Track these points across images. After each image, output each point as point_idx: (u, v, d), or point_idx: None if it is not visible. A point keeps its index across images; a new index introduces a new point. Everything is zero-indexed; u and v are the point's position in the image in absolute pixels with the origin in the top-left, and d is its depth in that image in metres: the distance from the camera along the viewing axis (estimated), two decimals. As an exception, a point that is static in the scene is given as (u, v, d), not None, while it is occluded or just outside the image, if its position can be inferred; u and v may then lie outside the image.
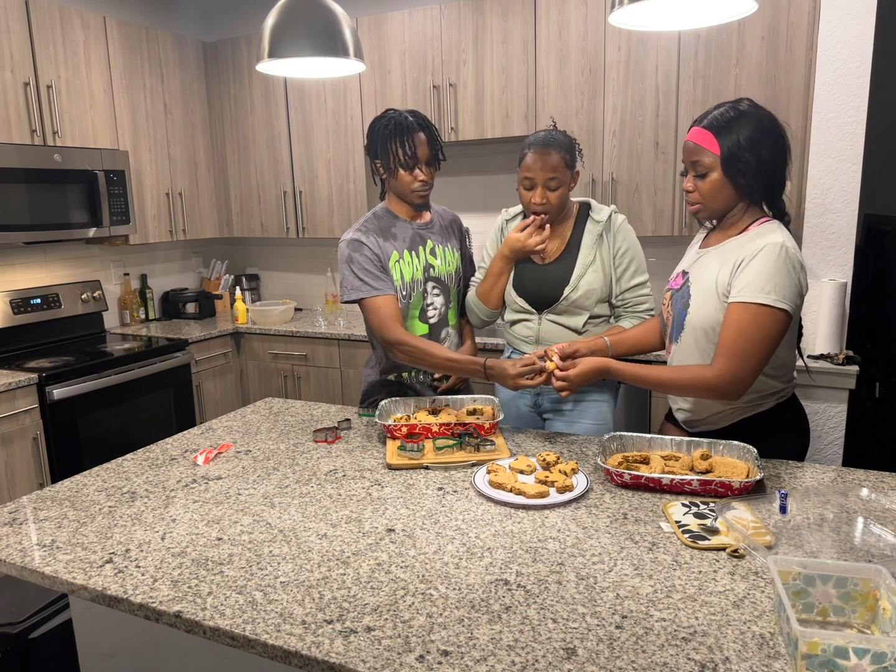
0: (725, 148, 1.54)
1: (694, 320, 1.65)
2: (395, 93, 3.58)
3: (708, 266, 1.65)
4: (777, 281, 1.49)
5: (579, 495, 1.48)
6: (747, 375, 1.53)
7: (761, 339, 1.50)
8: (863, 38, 2.55)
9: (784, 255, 1.50)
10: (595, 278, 1.97)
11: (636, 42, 3.04)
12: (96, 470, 1.73)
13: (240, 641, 1.06)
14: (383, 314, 1.91)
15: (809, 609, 1.06)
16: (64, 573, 1.24)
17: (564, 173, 1.92)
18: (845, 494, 1.45)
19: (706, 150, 1.56)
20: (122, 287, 3.99)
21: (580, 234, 2.01)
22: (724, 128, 1.54)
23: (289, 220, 4.03)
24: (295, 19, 1.75)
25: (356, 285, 1.95)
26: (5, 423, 2.78)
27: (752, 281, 1.50)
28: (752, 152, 1.52)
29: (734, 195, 1.59)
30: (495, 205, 3.82)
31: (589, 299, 1.98)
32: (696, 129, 1.60)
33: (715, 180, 1.57)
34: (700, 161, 1.58)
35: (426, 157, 1.96)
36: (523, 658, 0.98)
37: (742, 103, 1.57)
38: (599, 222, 1.99)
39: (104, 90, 3.46)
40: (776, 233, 1.55)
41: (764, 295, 1.49)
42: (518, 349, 2.10)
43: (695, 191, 1.61)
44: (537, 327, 2.03)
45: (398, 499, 1.51)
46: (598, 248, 1.98)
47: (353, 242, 1.97)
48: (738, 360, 1.52)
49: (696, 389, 1.60)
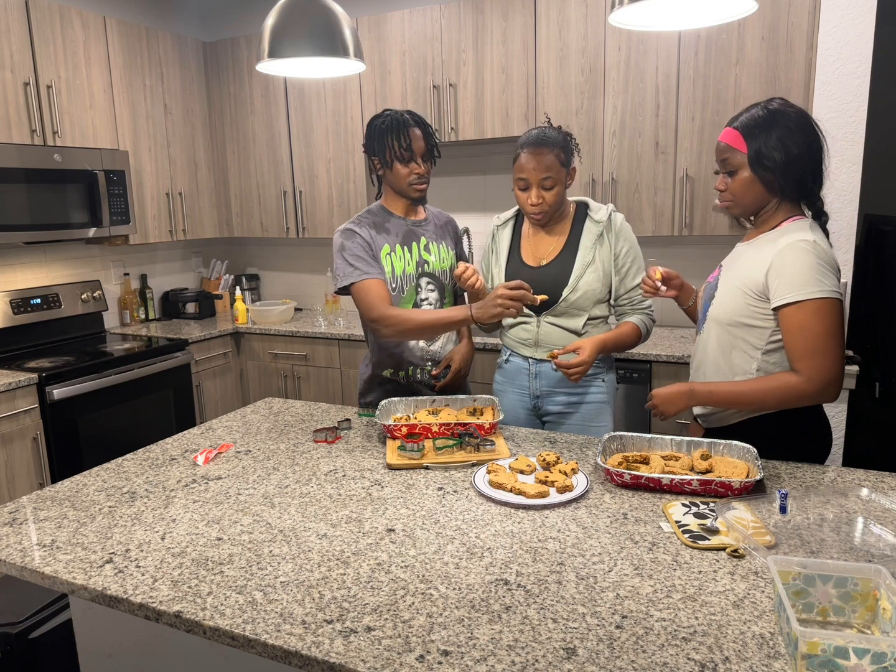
0: (752, 146, 1.57)
1: (715, 312, 1.67)
2: (395, 93, 3.58)
3: (738, 260, 1.68)
4: (818, 274, 1.50)
5: (579, 495, 1.48)
6: (835, 371, 1.53)
7: (830, 333, 1.51)
8: (863, 38, 2.55)
9: (816, 249, 1.52)
10: (594, 278, 1.96)
11: (636, 42, 3.04)
12: (96, 470, 1.73)
13: (240, 641, 1.06)
14: (372, 295, 1.93)
15: (809, 609, 1.06)
16: (64, 573, 1.24)
17: (560, 171, 1.90)
18: (845, 494, 1.45)
19: (734, 149, 1.59)
20: (122, 287, 3.99)
21: (578, 234, 2.00)
22: (752, 127, 1.57)
23: (289, 220, 4.03)
24: (295, 19, 1.76)
25: (347, 271, 1.98)
26: (5, 423, 2.78)
27: (795, 280, 1.51)
28: (779, 149, 1.54)
29: (764, 192, 1.61)
30: (495, 205, 3.82)
31: (588, 300, 1.97)
32: (727, 129, 1.63)
33: (744, 178, 1.60)
34: (729, 160, 1.61)
35: (422, 152, 2.00)
36: (523, 658, 0.98)
37: (773, 102, 1.60)
38: (599, 222, 1.98)
39: (104, 90, 3.46)
40: (805, 231, 1.56)
41: (812, 290, 1.50)
42: (516, 352, 2.09)
43: (726, 189, 1.65)
44: (536, 329, 2.02)
45: (398, 499, 1.51)
46: (598, 248, 1.97)
47: (346, 232, 2.02)
48: (819, 358, 1.51)
49: (790, 400, 1.57)
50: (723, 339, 1.66)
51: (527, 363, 2.07)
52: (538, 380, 2.05)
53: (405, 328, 1.90)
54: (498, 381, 2.18)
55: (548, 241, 2.03)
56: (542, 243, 2.04)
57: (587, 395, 2.04)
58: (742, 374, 1.64)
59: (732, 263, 1.70)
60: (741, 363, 1.64)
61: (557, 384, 2.03)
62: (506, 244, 2.09)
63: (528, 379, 2.07)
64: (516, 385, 2.10)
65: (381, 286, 1.97)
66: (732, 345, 1.64)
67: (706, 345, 1.72)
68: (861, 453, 2.93)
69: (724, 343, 1.66)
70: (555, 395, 2.05)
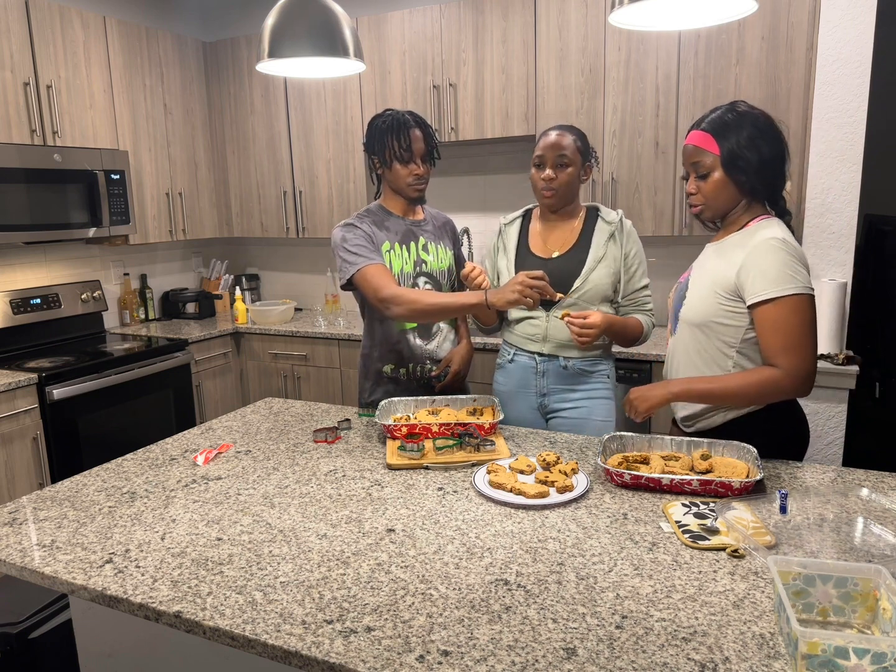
0: (725, 147, 1.57)
1: (687, 313, 1.69)
2: (395, 93, 3.58)
3: (707, 261, 1.69)
4: (790, 271, 1.52)
5: (579, 495, 1.48)
6: (812, 366, 1.55)
7: (806, 328, 1.53)
8: (863, 38, 2.55)
9: (786, 246, 1.53)
10: (605, 274, 1.99)
11: (636, 42, 3.04)
12: (96, 470, 1.73)
13: (240, 641, 1.06)
14: (380, 276, 1.92)
15: (809, 609, 1.06)
16: (64, 573, 1.24)
17: (575, 154, 1.96)
18: (845, 494, 1.45)
19: (706, 152, 1.59)
20: (121, 287, 3.99)
21: (590, 231, 2.04)
22: (722, 128, 1.58)
23: (289, 220, 4.03)
24: (295, 19, 1.75)
25: (351, 260, 1.96)
26: (5, 423, 2.78)
27: (769, 277, 1.52)
28: (751, 150, 1.56)
29: (736, 194, 1.61)
30: (495, 205, 3.82)
31: (597, 295, 1.99)
32: (694, 132, 1.63)
33: (717, 180, 1.60)
34: (701, 162, 1.61)
35: (421, 153, 2.01)
36: (523, 658, 0.98)
37: (737, 105, 1.61)
38: (611, 223, 2.02)
39: (104, 90, 3.46)
40: (774, 228, 1.58)
41: (787, 287, 1.51)
42: (523, 349, 2.08)
43: (697, 192, 1.64)
44: (545, 325, 2.02)
45: (398, 499, 1.51)
46: (610, 245, 2.01)
47: (347, 226, 2.02)
48: (799, 353, 1.53)
49: (770, 394, 1.57)
50: (696, 340, 1.67)
51: (533, 361, 2.06)
52: (545, 378, 2.05)
53: (416, 308, 1.86)
54: (499, 382, 2.16)
55: (558, 234, 2.06)
56: (552, 237, 2.06)
57: (594, 390, 2.05)
58: (719, 372, 1.65)
59: (702, 264, 1.72)
60: (717, 361, 1.65)
61: (564, 381, 2.04)
62: (513, 239, 2.11)
63: (534, 377, 2.07)
64: (522, 384, 2.10)
65: (386, 270, 1.96)
66: (706, 344, 1.66)
67: (680, 346, 1.73)
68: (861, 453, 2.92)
69: (698, 343, 1.67)
70: (561, 391, 2.05)
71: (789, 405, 1.68)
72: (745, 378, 1.57)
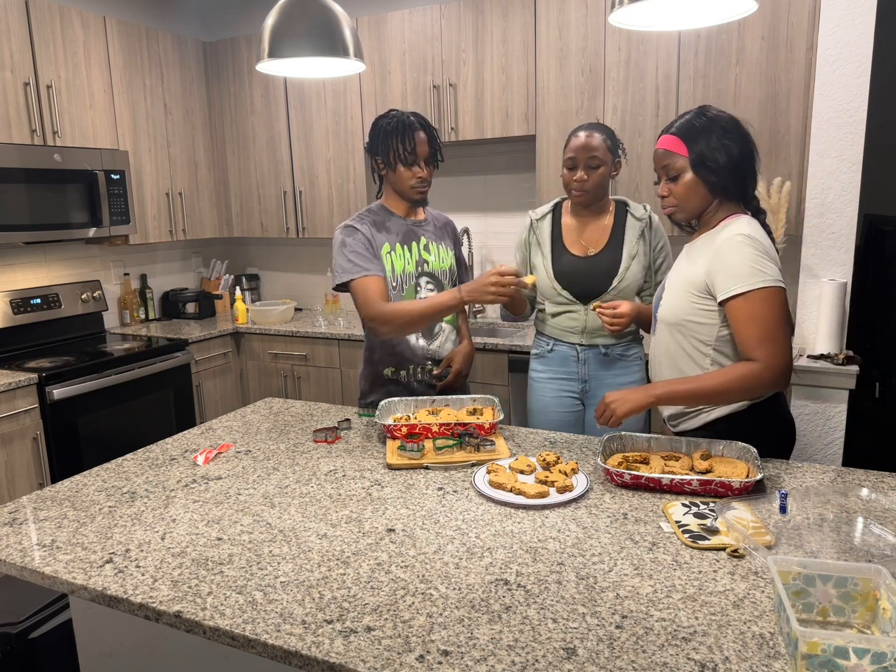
0: (694, 150, 1.61)
1: (663, 314, 1.73)
2: (395, 93, 3.58)
3: (680, 262, 1.75)
4: (757, 265, 1.54)
5: (579, 495, 1.48)
6: (788, 357, 1.56)
7: (779, 320, 1.54)
8: (863, 38, 2.54)
9: (751, 241, 1.56)
10: (638, 269, 2.11)
11: (636, 42, 3.04)
12: (96, 470, 1.73)
13: (240, 641, 1.06)
14: (370, 292, 1.94)
15: (809, 609, 1.06)
16: (64, 573, 1.24)
17: (606, 154, 2.04)
18: (845, 494, 1.45)
19: (675, 154, 1.64)
20: (122, 287, 3.99)
21: (622, 227, 2.13)
22: (690, 131, 1.62)
23: (289, 220, 4.03)
24: (295, 19, 1.76)
25: (346, 268, 1.98)
26: (5, 423, 2.78)
27: (737, 272, 1.55)
28: (719, 150, 1.59)
29: (707, 194, 1.65)
30: (495, 205, 3.82)
31: (632, 290, 2.12)
32: (664, 136, 1.67)
33: (687, 181, 1.64)
34: (671, 164, 1.65)
35: (425, 155, 2.01)
36: (523, 658, 0.98)
37: (706, 109, 1.65)
38: (641, 219, 2.12)
39: (104, 90, 3.46)
40: (741, 225, 1.60)
41: (756, 280, 1.53)
42: (562, 340, 2.19)
43: (669, 195, 1.68)
44: (584, 318, 2.12)
45: (398, 499, 1.51)
46: (642, 242, 2.11)
47: (347, 228, 2.03)
48: (774, 345, 1.54)
49: (751, 388, 1.57)
50: (674, 339, 1.71)
51: (575, 350, 2.18)
52: (586, 365, 2.17)
53: (400, 322, 1.91)
54: (537, 370, 2.27)
55: (591, 231, 2.14)
56: (586, 234, 2.15)
57: (631, 373, 2.18)
58: (698, 370, 1.67)
59: (675, 267, 1.77)
60: (695, 360, 1.68)
61: (604, 367, 2.18)
62: (547, 235, 2.18)
63: (576, 365, 2.18)
64: (563, 371, 2.21)
65: (380, 283, 1.97)
66: (684, 343, 1.69)
67: (661, 346, 1.76)
68: (861, 453, 2.92)
69: (676, 342, 1.70)
70: (602, 377, 2.18)
71: (773, 404, 1.69)
72: (725, 375, 1.58)
